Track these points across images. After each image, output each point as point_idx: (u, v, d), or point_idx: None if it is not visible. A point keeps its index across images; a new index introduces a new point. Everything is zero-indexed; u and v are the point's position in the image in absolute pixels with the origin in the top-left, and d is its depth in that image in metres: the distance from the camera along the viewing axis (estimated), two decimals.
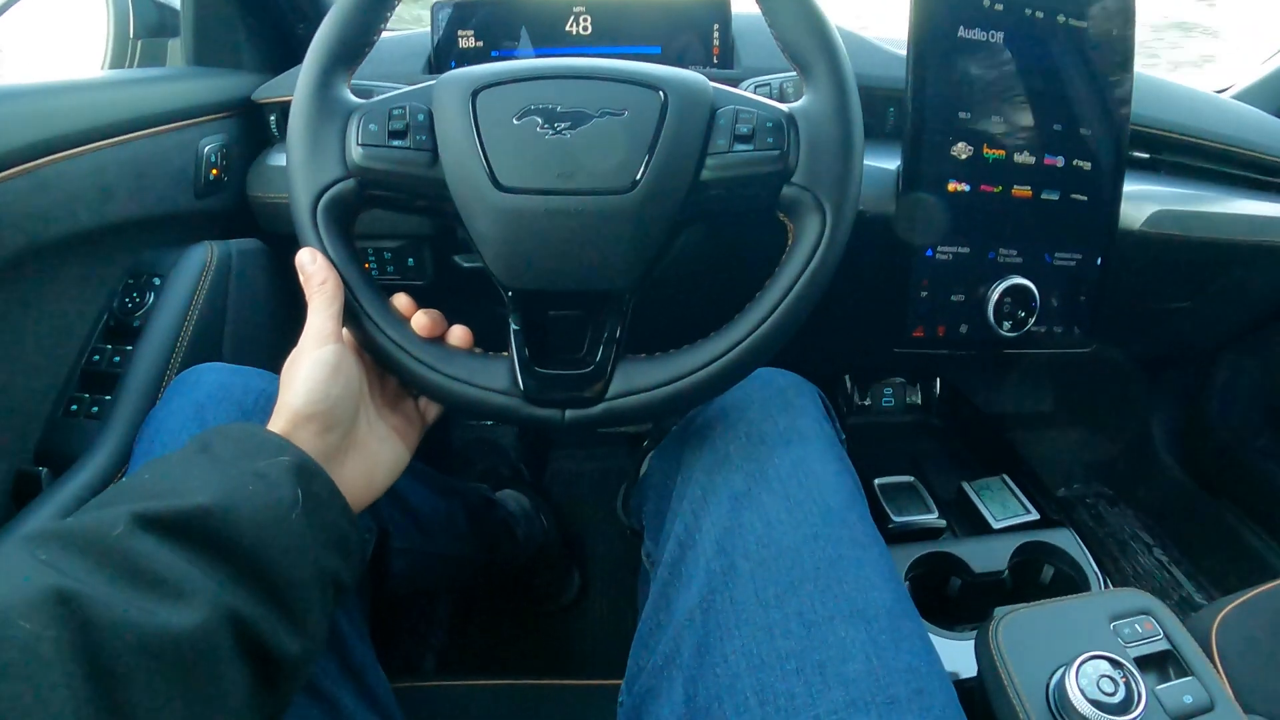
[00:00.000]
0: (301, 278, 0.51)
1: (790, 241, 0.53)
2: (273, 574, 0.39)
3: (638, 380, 0.53)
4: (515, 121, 0.50)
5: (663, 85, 0.51)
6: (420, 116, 0.51)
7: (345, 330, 0.52)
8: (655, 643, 0.54)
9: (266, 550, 0.39)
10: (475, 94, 0.51)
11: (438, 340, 0.54)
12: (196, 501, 0.38)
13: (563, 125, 0.50)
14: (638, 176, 0.50)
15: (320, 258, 0.51)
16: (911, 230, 0.74)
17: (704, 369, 0.52)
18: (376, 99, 0.53)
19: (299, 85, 0.52)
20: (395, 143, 0.51)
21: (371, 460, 0.52)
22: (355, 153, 0.51)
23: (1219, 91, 1.15)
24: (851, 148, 0.52)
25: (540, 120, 0.50)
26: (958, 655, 0.73)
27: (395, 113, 0.51)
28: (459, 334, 0.55)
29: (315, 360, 0.49)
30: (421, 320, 0.53)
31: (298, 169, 0.52)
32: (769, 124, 0.52)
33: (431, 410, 0.59)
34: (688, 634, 0.51)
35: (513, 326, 0.53)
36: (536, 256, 0.51)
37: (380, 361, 0.54)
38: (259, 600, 0.38)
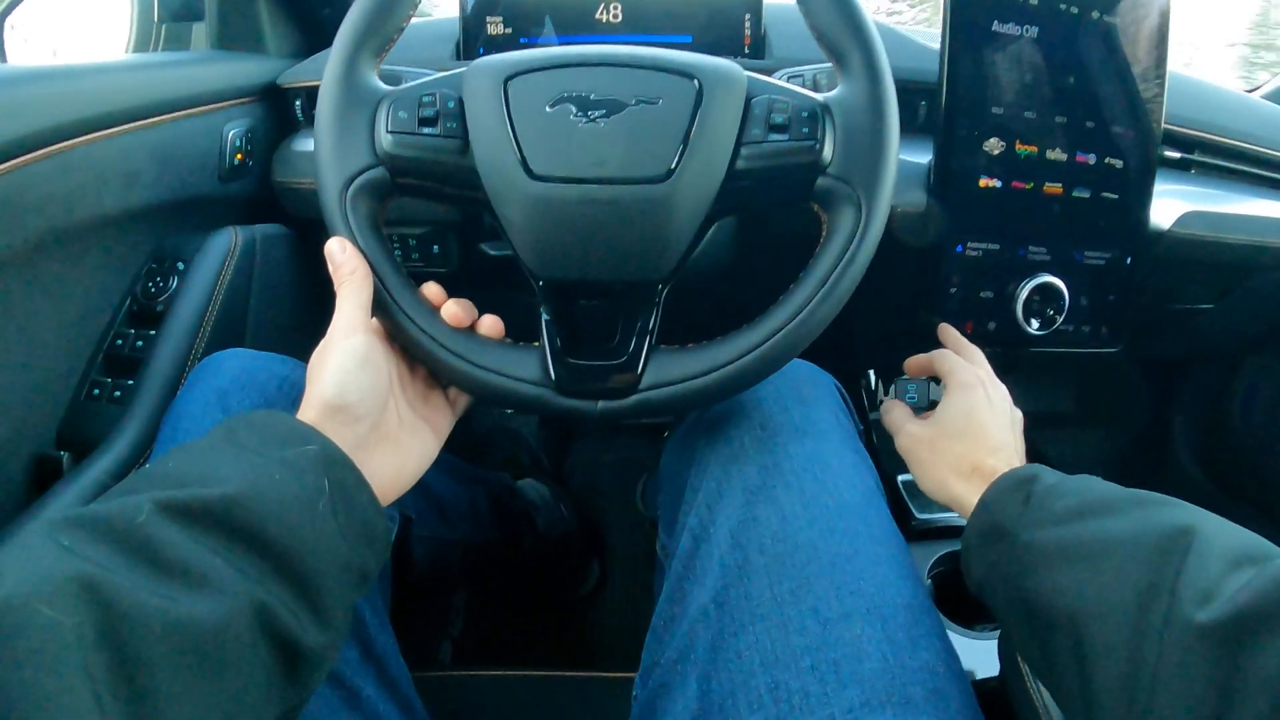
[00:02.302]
0: (330, 267, 0.50)
1: (824, 233, 0.53)
2: (299, 565, 0.39)
3: (671, 372, 0.52)
4: (548, 109, 0.50)
5: (697, 73, 0.50)
6: (451, 104, 0.51)
7: (375, 320, 0.52)
8: (669, 637, 0.54)
9: (293, 541, 0.39)
10: (507, 81, 0.50)
11: (468, 330, 0.54)
12: (222, 491, 0.38)
13: (596, 113, 0.49)
14: (672, 166, 0.49)
15: (349, 247, 0.50)
16: (942, 226, 0.73)
17: (738, 361, 0.52)
18: (406, 86, 0.52)
19: (327, 71, 0.52)
20: (425, 130, 0.50)
21: (401, 451, 0.52)
22: (385, 140, 0.50)
23: (1249, 92, 1.13)
24: (887, 138, 0.52)
25: (574, 108, 0.49)
26: (979, 654, 0.72)
27: (425, 100, 0.51)
28: (489, 324, 0.54)
29: (345, 350, 0.48)
30: (452, 310, 0.53)
31: (326, 156, 0.51)
32: (804, 113, 0.51)
33: (461, 400, 0.58)
34: (702, 629, 0.51)
35: (544, 316, 0.53)
36: (568, 246, 0.51)
37: (410, 352, 0.53)
38: (284, 591, 0.38)
